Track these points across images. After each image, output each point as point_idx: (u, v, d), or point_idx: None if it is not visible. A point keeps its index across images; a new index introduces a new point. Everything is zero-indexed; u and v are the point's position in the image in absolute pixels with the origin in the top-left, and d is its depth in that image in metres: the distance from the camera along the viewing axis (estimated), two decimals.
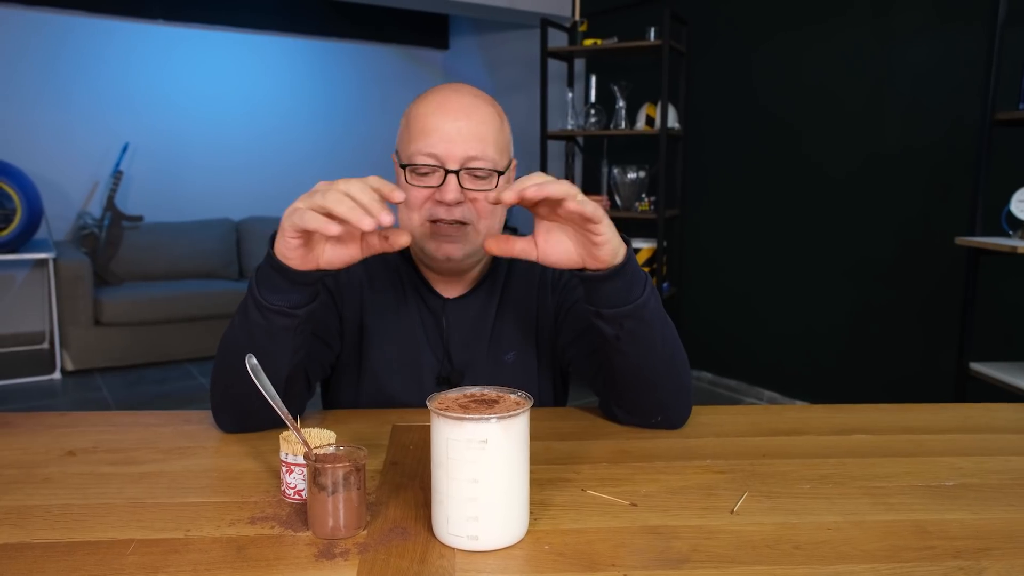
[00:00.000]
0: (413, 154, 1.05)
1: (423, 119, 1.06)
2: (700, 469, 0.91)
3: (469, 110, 1.05)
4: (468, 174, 1.04)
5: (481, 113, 1.06)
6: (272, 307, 0.90)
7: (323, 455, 0.75)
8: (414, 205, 1.06)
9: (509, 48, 5.39)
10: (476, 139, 1.04)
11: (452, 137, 1.03)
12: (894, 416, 1.12)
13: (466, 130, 1.04)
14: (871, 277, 3.29)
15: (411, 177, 1.06)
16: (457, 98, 1.06)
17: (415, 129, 1.06)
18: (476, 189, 1.05)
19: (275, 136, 5.49)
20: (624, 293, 0.93)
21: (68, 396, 3.91)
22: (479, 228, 1.07)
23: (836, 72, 3.36)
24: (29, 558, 0.69)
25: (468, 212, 1.06)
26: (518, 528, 0.73)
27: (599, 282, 0.92)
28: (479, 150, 1.04)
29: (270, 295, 0.90)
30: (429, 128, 1.04)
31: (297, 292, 0.91)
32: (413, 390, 1.16)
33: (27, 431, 1.03)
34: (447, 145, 1.03)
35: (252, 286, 0.92)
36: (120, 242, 4.73)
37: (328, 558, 0.69)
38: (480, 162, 1.04)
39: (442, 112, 1.05)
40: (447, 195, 1.03)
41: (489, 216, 1.08)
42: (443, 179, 1.03)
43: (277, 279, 0.90)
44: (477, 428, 0.69)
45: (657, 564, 0.69)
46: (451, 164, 1.03)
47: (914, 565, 0.69)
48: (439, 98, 1.07)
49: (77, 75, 4.82)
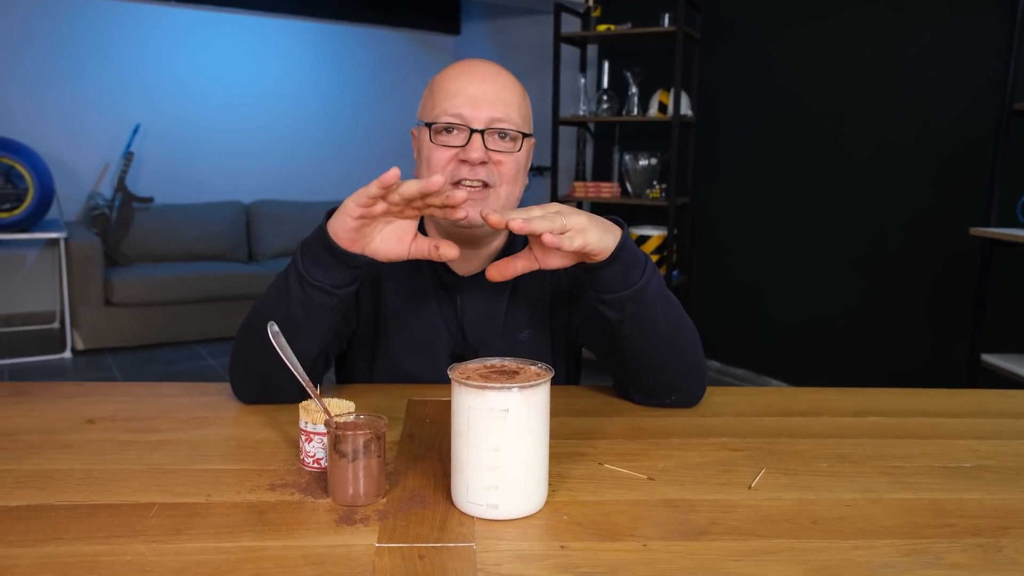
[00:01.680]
0: (438, 115, 1.06)
1: (448, 82, 1.07)
2: (716, 446, 0.91)
3: (494, 76, 1.08)
4: (493, 134, 1.05)
5: (505, 79, 1.09)
6: (315, 282, 0.91)
7: (344, 423, 0.76)
8: (438, 168, 1.06)
9: (521, 33, 5.36)
10: (500, 102, 1.06)
11: (478, 99, 1.05)
12: (909, 400, 1.12)
13: (492, 93, 1.05)
14: (883, 267, 3.28)
15: (436, 137, 1.06)
16: (482, 65, 1.09)
17: (440, 92, 1.07)
18: (500, 150, 1.06)
19: (285, 119, 5.49)
20: (622, 278, 0.93)
21: (79, 375, 3.93)
22: (500, 192, 1.07)
23: (851, 61, 3.33)
24: (53, 519, 0.69)
25: (491, 174, 1.06)
26: (537, 498, 0.73)
27: (596, 270, 0.92)
28: (503, 112, 1.05)
29: (314, 270, 0.91)
30: (454, 90, 1.06)
31: (342, 272, 0.91)
32: (427, 367, 1.17)
33: (46, 400, 1.03)
34: (472, 106, 1.04)
35: (296, 259, 0.92)
36: (131, 223, 4.74)
37: (349, 523, 0.70)
38: (504, 124, 1.06)
39: (467, 76, 1.07)
40: (472, 153, 1.03)
41: (511, 182, 1.08)
42: (468, 138, 1.04)
43: (324, 255, 0.90)
44: (499, 397, 0.69)
45: (676, 536, 0.69)
46: (476, 124, 1.05)
47: (933, 542, 0.69)
48: (464, 65, 1.09)
49: (89, 56, 4.82)
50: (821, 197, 3.49)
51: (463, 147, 1.05)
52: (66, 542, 0.65)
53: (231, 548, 0.65)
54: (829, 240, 3.48)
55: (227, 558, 0.63)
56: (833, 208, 3.45)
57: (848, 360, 3.45)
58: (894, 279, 3.24)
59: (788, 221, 3.66)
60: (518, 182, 1.10)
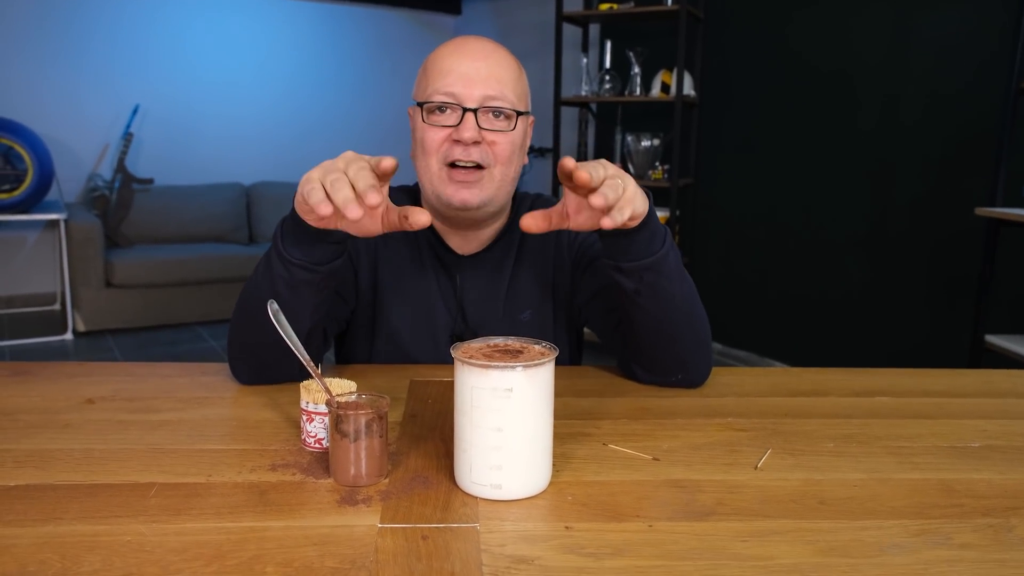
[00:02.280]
0: (431, 94, 1.04)
1: (441, 60, 1.05)
2: (722, 427, 0.91)
3: (488, 52, 1.05)
4: (487, 113, 1.03)
5: (499, 56, 1.06)
6: (294, 260, 0.90)
7: (345, 402, 0.75)
8: (431, 149, 1.05)
9: (523, 13, 5.30)
10: (495, 79, 1.03)
11: (471, 76, 1.03)
12: (915, 380, 1.11)
13: (485, 70, 1.03)
14: (887, 248, 3.26)
15: (428, 117, 1.04)
16: (476, 42, 1.07)
17: (433, 71, 1.05)
18: (494, 129, 1.04)
19: (286, 100, 5.44)
20: (645, 245, 0.91)
21: (80, 356, 3.93)
22: (495, 174, 1.06)
23: (856, 40, 3.29)
24: (52, 498, 0.69)
25: (485, 154, 1.04)
26: (541, 478, 0.72)
27: (620, 236, 0.90)
28: (497, 90, 1.03)
29: (293, 248, 0.90)
30: (446, 68, 1.04)
31: (320, 249, 0.90)
32: (427, 348, 1.16)
33: (45, 379, 1.02)
34: (465, 84, 1.02)
35: (276, 237, 0.91)
36: (131, 204, 4.72)
37: (351, 504, 0.69)
38: (498, 102, 1.03)
39: (460, 53, 1.05)
40: (464, 133, 1.02)
41: (506, 163, 1.06)
42: (460, 118, 1.02)
43: (300, 233, 0.89)
44: (503, 376, 0.68)
45: (682, 516, 0.68)
46: (469, 103, 1.03)
47: (943, 522, 0.68)
48: (458, 42, 1.07)
49: (89, 37, 4.78)
50: (824, 177, 3.47)
51: (456, 127, 1.03)
52: (65, 522, 0.65)
53: (232, 528, 0.64)
54: (832, 220, 3.46)
55: (228, 538, 0.63)
56: (836, 188, 3.42)
57: (851, 341, 3.44)
58: (898, 260, 3.22)
59: (791, 201, 3.63)
60: (513, 162, 1.08)
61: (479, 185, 1.05)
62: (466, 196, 1.05)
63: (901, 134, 3.16)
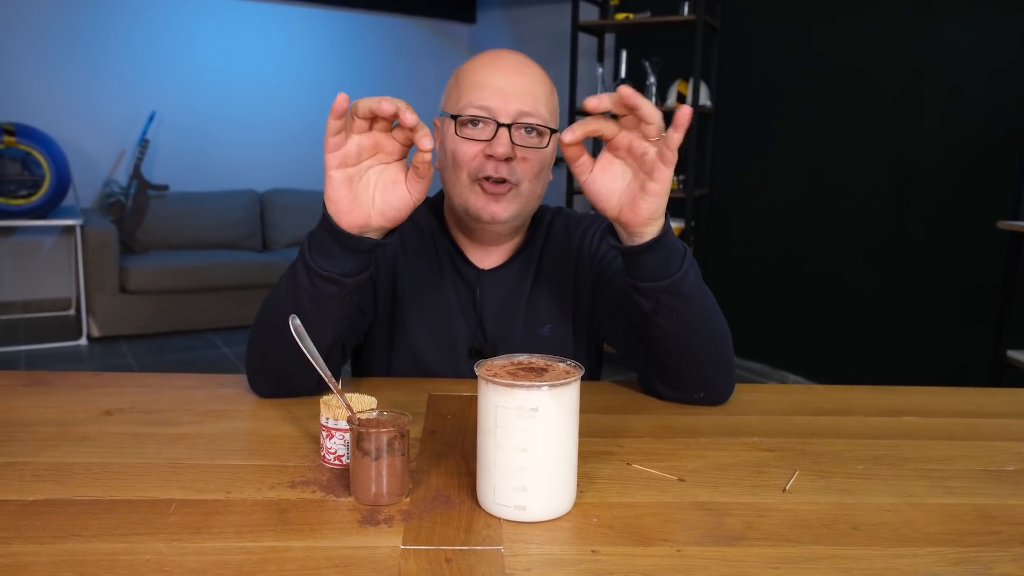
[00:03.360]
0: (464, 107, 1.03)
1: (475, 73, 1.04)
2: (747, 446, 0.89)
3: (522, 68, 1.05)
4: (519, 129, 1.03)
5: (534, 72, 1.06)
6: (323, 273, 0.88)
7: (367, 419, 0.74)
8: (462, 162, 1.04)
9: (538, 22, 5.31)
10: (529, 95, 1.03)
11: (505, 91, 1.02)
12: (943, 399, 1.09)
13: (520, 86, 1.03)
14: (905, 261, 3.22)
15: (461, 129, 1.03)
16: (510, 57, 1.06)
17: (467, 83, 1.04)
18: (526, 146, 1.03)
19: (300, 108, 5.47)
20: (661, 267, 0.90)
21: (94, 362, 3.94)
22: (523, 190, 1.05)
23: (875, 52, 3.27)
24: (72, 513, 0.68)
25: (516, 170, 1.04)
26: (566, 500, 0.71)
27: (635, 255, 0.89)
28: (531, 106, 1.02)
29: (321, 260, 0.88)
30: (481, 82, 1.03)
31: (350, 259, 0.88)
32: (445, 361, 1.15)
33: (63, 390, 1.02)
34: (500, 98, 1.02)
35: (304, 249, 0.89)
36: (146, 211, 4.75)
37: (372, 524, 0.68)
38: (532, 118, 1.03)
39: (495, 67, 1.04)
40: (498, 148, 1.01)
41: (534, 179, 1.06)
42: (494, 133, 1.01)
43: (330, 243, 0.87)
44: (528, 396, 0.67)
45: (711, 540, 0.67)
46: (503, 118, 1.02)
47: (980, 550, 0.66)
48: (492, 55, 1.07)
49: (105, 43, 4.82)
50: (841, 187, 3.44)
51: (489, 141, 1.02)
52: (84, 539, 0.64)
53: (252, 548, 0.63)
54: (849, 233, 3.43)
55: (248, 558, 0.61)
56: (853, 198, 3.39)
57: (868, 353, 3.40)
58: (917, 273, 3.18)
59: (807, 213, 3.60)
60: (541, 179, 1.08)
61: (507, 199, 1.04)
62: (495, 210, 1.04)
63: (921, 144, 3.13)
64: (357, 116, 0.81)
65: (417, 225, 1.17)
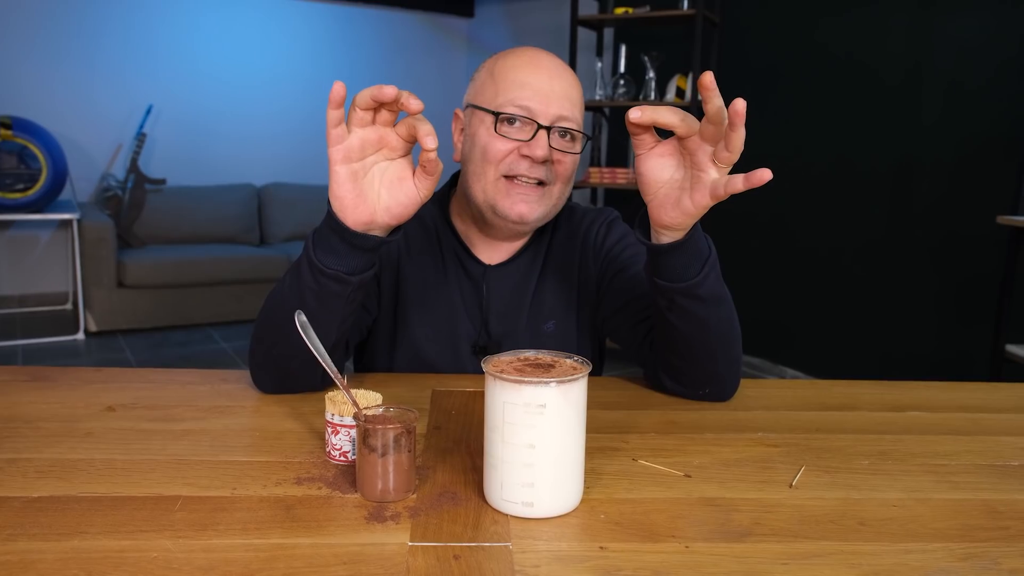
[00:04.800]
0: (504, 104, 1.03)
1: (516, 71, 1.04)
2: (753, 442, 0.89)
3: (561, 71, 1.06)
4: (555, 132, 1.03)
5: (570, 77, 1.07)
6: (327, 271, 0.86)
7: (373, 416, 0.73)
8: (494, 158, 1.04)
9: (537, 16, 5.30)
10: (568, 100, 1.04)
11: (547, 94, 1.02)
12: (948, 394, 1.09)
13: (560, 90, 1.04)
14: (905, 256, 3.23)
15: (499, 126, 1.03)
16: (549, 59, 1.07)
17: (506, 80, 1.04)
18: (562, 150, 1.04)
19: (298, 102, 5.45)
20: (680, 270, 0.90)
21: (92, 357, 3.94)
22: (554, 192, 1.06)
23: (875, 46, 3.26)
24: (76, 511, 0.67)
25: (550, 172, 1.04)
26: (573, 496, 0.71)
27: (656, 255, 0.89)
28: (569, 110, 1.04)
29: (326, 257, 0.86)
30: (522, 81, 1.03)
31: (355, 257, 0.87)
32: (448, 358, 1.14)
33: (65, 386, 1.01)
34: (541, 100, 1.02)
35: (308, 247, 0.88)
36: (143, 205, 4.74)
37: (379, 521, 0.68)
38: (569, 122, 1.04)
39: (534, 67, 1.04)
40: (537, 150, 1.01)
41: (566, 181, 1.07)
42: (533, 134, 1.01)
43: (335, 241, 0.86)
44: (536, 392, 0.67)
45: (719, 537, 0.67)
46: (543, 120, 1.02)
47: (989, 545, 0.66)
48: (531, 55, 1.07)
49: (103, 37, 4.80)
50: (840, 182, 3.44)
51: (527, 141, 1.02)
52: (90, 536, 0.63)
53: (260, 545, 0.63)
54: (849, 227, 3.43)
55: (256, 556, 0.61)
56: (853, 193, 3.39)
57: (868, 349, 3.41)
58: (916, 268, 3.19)
59: (806, 207, 3.60)
60: (570, 182, 1.09)
61: (539, 201, 1.05)
62: (523, 210, 1.04)
63: (921, 137, 3.13)
64: (359, 108, 0.79)
65: (421, 220, 1.16)
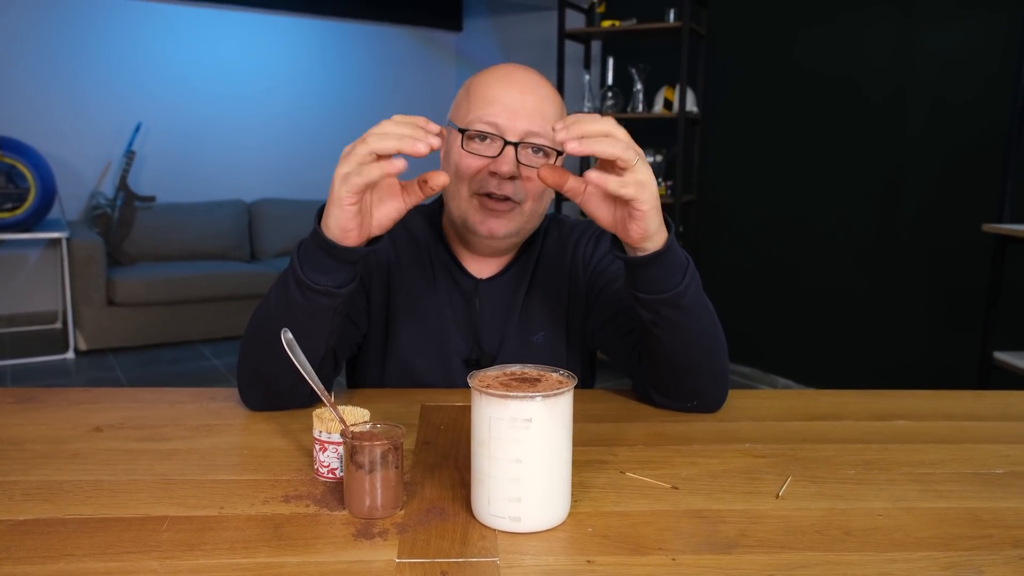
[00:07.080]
0: (472, 121, 1.03)
1: (487, 88, 1.04)
2: (740, 453, 0.89)
3: (534, 87, 1.05)
4: (526, 149, 1.03)
5: (544, 91, 1.06)
6: (317, 287, 0.87)
7: (360, 432, 0.73)
8: (464, 175, 1.04)
9: (524, 30, 5.33)
10: (538, 115, 1.03)
11: (515, 109, 1.02)
12: (933, 403, 1.09)
13: (530, 105, 1.03)
14: (892, 264, 3.25)
15: (467, 144, 1.03)
16: (523, 74, 1.06)
17: (477, 97, 1.04)
18: (532, 165, 1.03)
19: (287, 117, 5.46)
20: (662, 281, 0.90)
21: (82, 375, 3.91)
22: (525, 209, 1.06)
23: (860, 59, 3.30)
24: (63, 533, 0.67)
25: (519, 190, 1.04)
26: (560, 510, 0.71)
27: (636, 267, 0.90)
28: (540, 126, 1.03)
29: (314, 274, 0.87)
30: (491, 97, 1.03)
31: (343, 271, 0.88)
32: (439, 372, 1.15)
33: (52, 407, 1.01)
34: (509, 116, 1.02)
35: (294, 264, 0.88)
36: (133, 222, 4.72)
37: (367, 537, 0.68)
38: (539, 138, 1.03)
39: (506, 84, 1.04)
40: (503, 166, 1.01)
41: (538, 199, 1.07)
42: (500, 150, 1.02)
43: (322, 257, 0.87)
44: (521, 407, 0.67)
45: (706, 548, 0.67)
46: (511, 136, 1.02)
47: (972, 554, 0.67)
48: (504, 71, 1.06)
49: (90, 54, 4.80)
50: (828, 192, 3.47)
51: (494, 158, 1.02)
52: (77, 558, 0.63)
53: (247, 564, 0.63)
54: (836, 235, 3.45)
55: (243, 575, 0.61)
56: (841, 203, 3.42)
57: (857, 356, 3.42)
58: (904, 277, 3.21)
59: (795, 217, 3.63)
60: (544, 198, 1.08)
61: (508, 216, 1.05)
62: (493, 226, 1.05)
63: (906, 149, 3.16)
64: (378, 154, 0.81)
65: (412, 235, 1.17)
